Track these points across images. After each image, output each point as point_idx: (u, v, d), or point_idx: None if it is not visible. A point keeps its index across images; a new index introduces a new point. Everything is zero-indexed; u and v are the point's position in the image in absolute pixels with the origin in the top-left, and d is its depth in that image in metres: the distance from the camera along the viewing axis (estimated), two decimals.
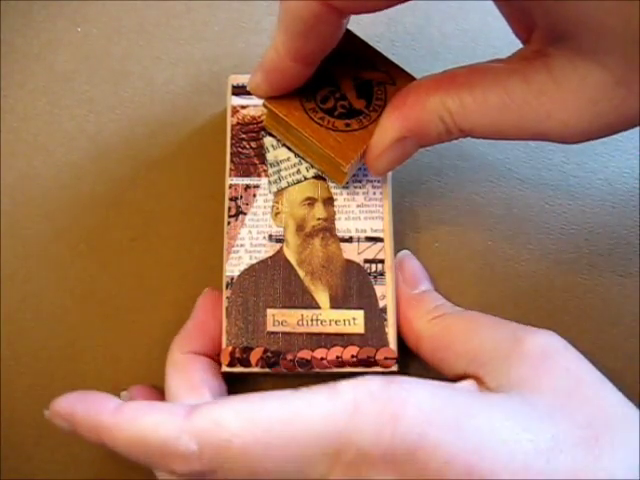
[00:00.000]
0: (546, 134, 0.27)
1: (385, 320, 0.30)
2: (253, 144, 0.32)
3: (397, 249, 0.33)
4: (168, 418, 0.25)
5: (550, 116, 0.26)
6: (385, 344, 0.30)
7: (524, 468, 0.23)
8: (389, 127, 0.29)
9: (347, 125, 0.30)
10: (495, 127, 0.27)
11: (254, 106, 0.33)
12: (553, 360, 0.26)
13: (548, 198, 0.36)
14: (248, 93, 0.30)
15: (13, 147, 0.36)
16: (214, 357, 0.30)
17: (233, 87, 0.33)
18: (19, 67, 0.37)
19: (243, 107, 0.33)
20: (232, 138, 0.33)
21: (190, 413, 0.25)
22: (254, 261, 0.31)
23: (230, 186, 0.32)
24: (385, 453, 0.24)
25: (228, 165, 0.32)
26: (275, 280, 0.31)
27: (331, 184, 0.32)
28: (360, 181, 0.32)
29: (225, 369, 0.30)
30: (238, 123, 0.33)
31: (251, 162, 0.32)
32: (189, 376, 0.29)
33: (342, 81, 0.31)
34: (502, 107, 0.27)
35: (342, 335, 0.30)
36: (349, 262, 0.31)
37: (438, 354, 0.29)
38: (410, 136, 0.29)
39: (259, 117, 0.33)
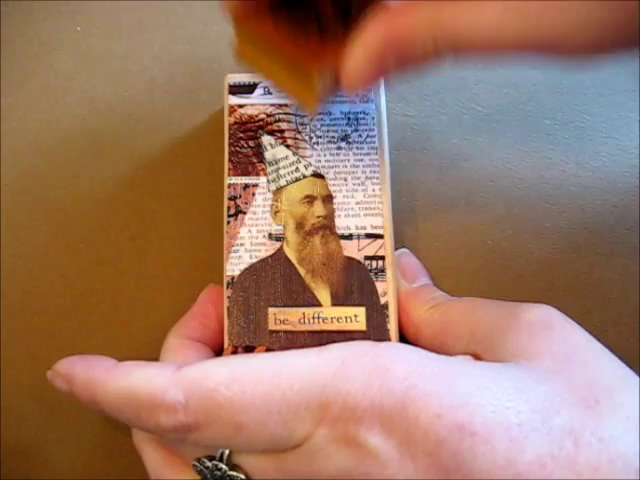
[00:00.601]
0: (549, 41, 0.24)
1: (387, 316, 0.30)
2: (251, 143, 0.32)
3: (397, 248, 0.33)
4: (158, 372, 0.25)
5: (555, 19, 0.24)
6: (387, 340, 0.30)
7: (518, 425, 0.22)
8: (370, 35, 0.26)
9: (321, 38, 0.28)
10: (493, 40, 0.25)
11: (251, 105, 0.33)
12: (551, 329, 0.26)
13: (548, 198, 0.35)
14: (245, 92, 0.30)
15: (13, 147, 0.36)
16: (211, 348, 0.30)
17: (230, 86, 0.33)
18: (19, 67, 0.37)
19: (240, 106, 0.33)
20: (230, 137, 0.33)
21: (180, 368, 0.25)
22: (254, 260, 0.31)
23: (229, 185, 0.32)
24: (373, 405, 0.23)
25: (226, 164, 0.32)
26: (276, 279, 0.31)
27: (330, 182, 0.32)
28: (359, 178, 0.32)
29: None
30: (235, 122, 0.33)
31: (249, 161, 0.32)
32: (183, 358, 0.29)
33: None
34: (501, 17, 0.24)
35: (344, 332, 0.30)
36: (349, 259, 0.31)
37: (437, 340, 0.29)
38: (392, 48, 0.26)
39: (256, 116, 0.33)
